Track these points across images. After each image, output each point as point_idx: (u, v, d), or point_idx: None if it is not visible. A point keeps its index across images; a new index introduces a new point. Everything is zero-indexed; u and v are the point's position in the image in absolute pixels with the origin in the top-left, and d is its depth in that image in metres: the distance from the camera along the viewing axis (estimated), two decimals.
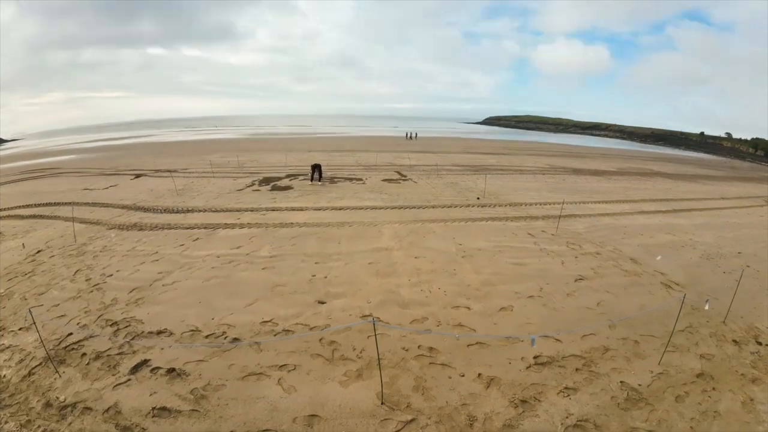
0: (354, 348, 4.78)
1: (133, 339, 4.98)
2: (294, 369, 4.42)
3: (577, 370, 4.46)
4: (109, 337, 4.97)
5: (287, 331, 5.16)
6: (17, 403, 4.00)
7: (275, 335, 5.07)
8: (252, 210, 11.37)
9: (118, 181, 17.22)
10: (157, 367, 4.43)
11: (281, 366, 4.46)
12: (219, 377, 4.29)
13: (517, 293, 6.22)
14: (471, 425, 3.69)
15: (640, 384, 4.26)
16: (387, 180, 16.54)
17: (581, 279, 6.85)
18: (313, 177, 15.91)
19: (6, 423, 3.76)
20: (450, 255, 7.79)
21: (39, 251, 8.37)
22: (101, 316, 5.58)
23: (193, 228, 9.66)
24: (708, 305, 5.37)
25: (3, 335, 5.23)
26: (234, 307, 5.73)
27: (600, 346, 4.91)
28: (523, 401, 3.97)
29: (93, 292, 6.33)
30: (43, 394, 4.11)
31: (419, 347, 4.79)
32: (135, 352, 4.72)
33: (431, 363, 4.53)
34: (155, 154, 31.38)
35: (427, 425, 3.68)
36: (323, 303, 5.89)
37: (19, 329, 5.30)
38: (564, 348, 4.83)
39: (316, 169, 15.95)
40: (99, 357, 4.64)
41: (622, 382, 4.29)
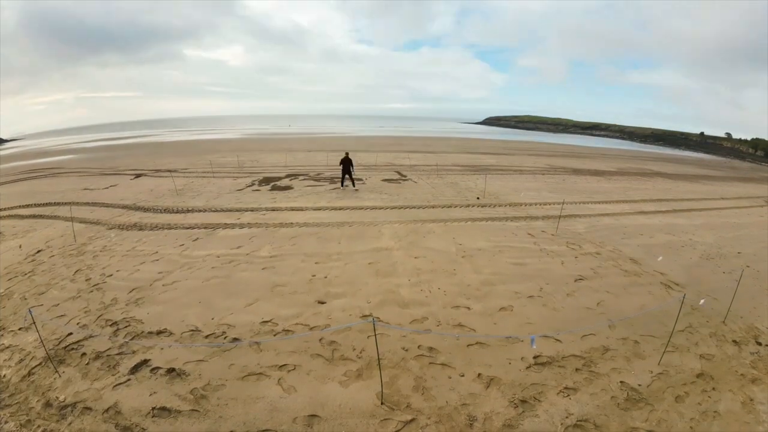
0: (354, 348, 4.78)
1: (133, 339, 4.98)
2: (294, 369, 4.42)
3: (577, 370, 4.46)
4: (109, 337, 4.97)
5: (287, 331, 5.16)
6: (17, 403, 4.00)
7: (275, 335, 5.07)
8: (252, 210, 11.37)
9: (118, 181, 17.23)
10: (157, 367, 4.43)
11: (281, 366, 4.46)
12: (219, 377, 4.29)
13: (517, 293, 6.22)
14: (471, 425, 3.69)
15: (640, 384, 4.26)
16: (387, 180, 16.54)
17: (581, 279, 6.86)
18: (344, 181, 14.12)
19: (6, 423, 3.76)
20: (450, 255, 7.79)
21: (39, 251, 8.37)
22: (101, 316, 5.58)
23: (193, 228, 9.66)
24: (703, 302, 5.37)
25: (3, 335, 5.23)
26: (234, 307, 5.73)
27: (600, 346, 4.91)
28: (523, 401, 3.97)
29: (93, 291, 6.33)
30: (43, 393, 4.11)
31: (419, 347, 4.78)
32: (135, 352, 4.72)
33: (431, 363, 4.52)
34: (155, 154, 31.41)
35: (427, 425, 3.68)
36: (323, 303, 5.89)
37: (19, 329, 5.30)
38: (564, 348, 4.83)
39: (346, 172, 13.83)
40: (99, 357, 4.64)
41: (622, 382, 4.29)
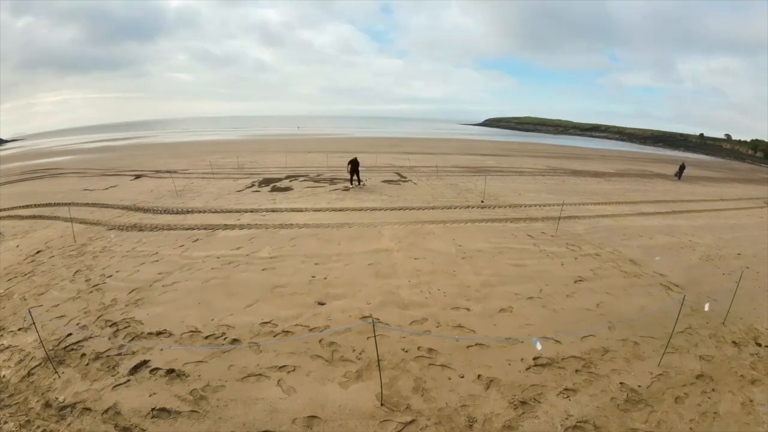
0: (354, 349, 4.78)
1: (133, 340, 4.98)
2: (294, 370, 4.42)
3: (577, 371, 4.46)
4: (109, 338, 4.97)
5: (287, 332, 5.16)
6: (17, 404, 4.00)
7: (275, 336, 5.07)
8: (252, 211, 11.37)
9: (118, 182, 17.23)
10: (157, 368, 4.43)
11: (281, 367, 4.46)
12: (218, 378, 4.29)
13: (517, 294, 6.22)
14: (470, 426, 3.69)
15: (639, 385, 4.26)
16: (387, 181, 16.55)
17: (581, 280, 6.86)
18: (353, 180, 14.97)
19: (5, 423, 3.76)
20: (450, 256, 7.79)
21: (39, 252, 8.37)
22: (101, 316, 5.58)
23: (193, 229, 9.66)
24: (708, 306, 5.38)
25: (2, 335, 5.22)
26: (234, 308, 5.73)
27: (599, 347, 4.91)
28: (523, 402, 3.97)
29: (92, 292, 6.32)
30: (43, 394, 4.11)
31: (419, 348, 4.78)
32: (134, 352, 4.71)
33: (431, 364, 4.52)
34: (155, 154, 31.41)
35: (427, 426, 3.68)
36: (323, 304, 5.89)
37: (19, 329, 5.30)
38: (563, 349, 4.83)
39: (354, 171, 14.70)
40: (98, 357, 4.63)
41: (621, 383, 4.29)
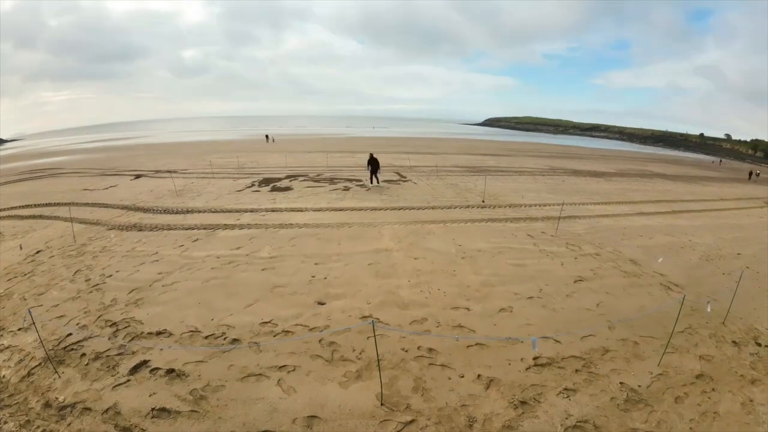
0: (354, 349, 4.78)
1: (133, 340, 4.98)
2: (293, 370, 4.42)
3: (577, 371, 4.46)
4: (109, 338, 4.97)
5: (287, 332, 5.16)
6: (17, 404, 4.00)
7: (275, 336, 5.07)
8: (252, 211, 11.37)
9: (118, 182, 17.23)
10: (157, 368, 4.43)
11: (281, 367, 4.46)
12: (218, 378, 4.29)
13: (517, 294, 6.22)
14: (470, 426, 3.69)
15: (639, 385, 4.26)
16: (387, 181, 16.54)
17: (581, 280, 6.86)
18: (372, 179, 15.00)
19: (5, 423, 3.76)
20: (450, 256, 7.79)
21: (38, 251, 8.37)
22: (101, 316, 5.57)
23: (193, 229, 9.66)
24: (710, 307, 5.38)
25: (2, 335, 5.22)
26: (234, 308, 5.73)
27: (599, 347, 4.91)
28: (523, 402, 3.97)
29: (92, 292, 6.32)
30: (43, 394, 4.11)
31: (419, 348, 4.78)
32: (134, 352, 4.71)
33: (431, 364, 4.52)
34: (155, 154, 31.40)
35: (427, 426, 3.68)
36: (323, 304, 5.89)
37: (19, 329, 5.30)
38: (563, 349, 4.83)
39: (373, 171, 14.64)
40: (98, 357, 4.63)
41: (621, 383, 4.29)
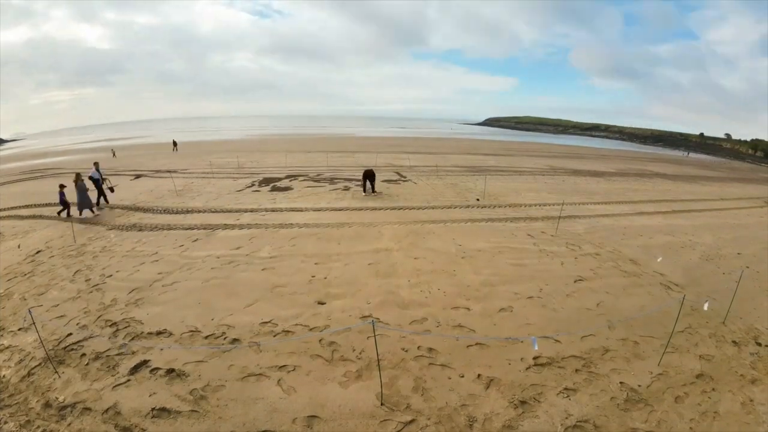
0: (354, 349, 4.78)
1: (133, 340, 4.98)
2: (293, 370, 4.42)
3: (577, 370, 4.46)
4: (109, 338, 4.97)
5: (287, 332, 5.16)
6: (17, 404, 4.00)
7: (275, 336, 5.07)
8: (252, 211, 11.37)
9: (117, 182, 17.20)
10: (157, 368, 4.43)
11: (281, 367, 4.46)
12: (218, 378, 4.29)
13: (517, 294, 6.22)
14: (470, 426, 3.69)
15: (639, 385, 4.26)
16: (386, 181, 16.53)
17: (581, 280, 6.86)
18: (366, 187, 14.24)
19: (5, 423, 3.76)
20: (450, 256, 7.79)
21: (38, 251, 8.36)
22: (101, 316, 5.57)
23: (193, 228, 9.66)
24: (707, 305, 5.38)
25: (2, 335, 5.22)
26: (234, 308, 5.73)
27: (599, 346, 4.91)
28: (523, 402, 3.97)
29: (92, 292, 6.32)
30: (43, 394, 4.11)
31: (419, 348, 4.79)
32: (134, 352, 4.71)
33: (431, 364, 4.52)
34: (155, 154, 31.40)
35: (427, 426, 3.68)
36: (323, 304, 5.89)
37: (19, 329, 5.30)
38: (563, 349, 4.83)
39: (368, 178, 14.08)
40: (98, 357, 4.63)
41: (621, 382, 4.29)
